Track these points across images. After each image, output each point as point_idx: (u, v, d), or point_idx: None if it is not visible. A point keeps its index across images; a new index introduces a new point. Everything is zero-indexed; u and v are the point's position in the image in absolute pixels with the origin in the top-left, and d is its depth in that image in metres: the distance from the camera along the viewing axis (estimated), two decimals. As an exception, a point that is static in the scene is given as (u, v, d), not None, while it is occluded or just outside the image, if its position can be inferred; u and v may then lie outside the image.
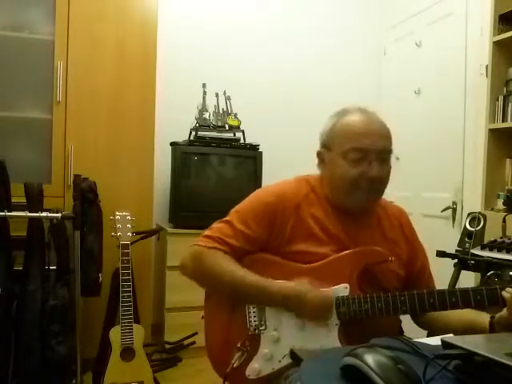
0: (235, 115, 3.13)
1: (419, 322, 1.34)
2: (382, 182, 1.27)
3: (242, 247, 1.28)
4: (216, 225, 1.33)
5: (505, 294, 1.11)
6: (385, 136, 1.26)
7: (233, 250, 1.27)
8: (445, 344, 0.76)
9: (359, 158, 1.22)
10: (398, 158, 1.31)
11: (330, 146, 1.28)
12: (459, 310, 1.17)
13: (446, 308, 1.16)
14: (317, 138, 1.43)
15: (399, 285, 1.32)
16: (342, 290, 1.20)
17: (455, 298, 1.15)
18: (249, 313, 1.24)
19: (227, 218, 1.32)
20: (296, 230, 1.27)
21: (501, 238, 1.81)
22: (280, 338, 1.21)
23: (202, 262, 1.27)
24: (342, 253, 1.24)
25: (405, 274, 1.34)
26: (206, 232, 1.32)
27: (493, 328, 1.13)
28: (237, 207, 1.34)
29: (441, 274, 1.46)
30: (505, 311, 1.11)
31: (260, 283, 1.21)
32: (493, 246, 1.76)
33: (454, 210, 2.88)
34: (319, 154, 1.33)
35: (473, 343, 0.74)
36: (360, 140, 1.22)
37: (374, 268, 1.26)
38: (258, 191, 1.39)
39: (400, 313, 1.20)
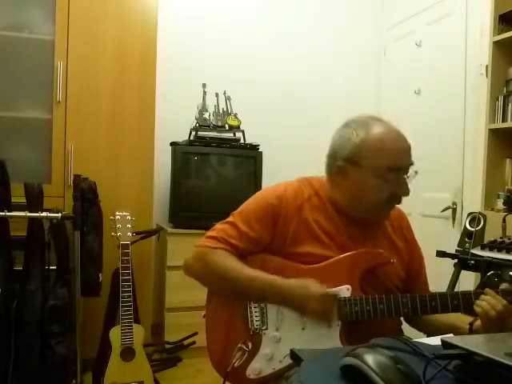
0: (235, 115, 3.13)
1: (411, 323, 1.36)
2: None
3: (245, 249, 1.28)
4: (219, 226, 1.33)
5: (476, 308, 1.13)
6: (410, 151, 1.25)
7: (236, 250, 1.27)
8: (445, 344, 0.76)
9: (394, 178, 1.21)
10: (416, 172, 1.29)
11: (359, 162, 1.23)
12: (446, 314, 1.19)
13: (447, 311, 1.16)
14: (317, 138, 1.44)
15: (401, 285, 1.33)
16: (344, 291, 1.20)
17: (457, 300, 1.16)
18: (250, 312, 1.24)
19: (230, 220, 1.31)
20: (298, 232, 1.27)
21: (501, 237, 1.81)
22: (281, 339, 1.21)
23: (207, 261, 1.27)
24: (345, 254, 1.24)
25: (405, 274, 1.35)
26: (210, 233, 1.32)
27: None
28: (240, 208, 1.34)
29: (441, 274, 1.46)
30: (479, 322, 1.13)
31: (264, 279, 1.21)
32: (493, 246, 1.76)
33: (454, 210, 2.88)
34: (341, 168, 1.26)
35: (473, 343, 0.75)
36: (395, 159, 1.21)
37: (376, 269, 1.26)
38: (260, 192, 1.38)
39: (401, 315, 1.21)
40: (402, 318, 1.33)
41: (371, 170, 1.21)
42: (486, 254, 1.75)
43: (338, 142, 1.28)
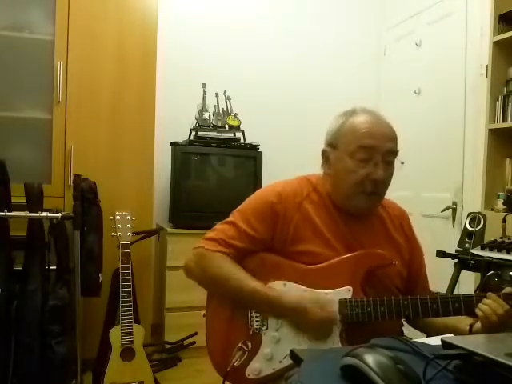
0: (235, 115, 3.13)
1: (412, 324, 1.36)
2: (384, 184, 1.26)
3: (245, 248, 1.27)
4: (219, 226, 1.32)
5: (477, 311, 1.13)
6: (391, 138, 1.25)
7: (237, 251, 1.27)
8: (445, 344, 0.76)
9: (366, 158, 1.22)
10: (402, 163, 1.29)
11: (336, 145, 1.27)
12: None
13: (448, 314, 1.16)
14: (317, 138, 1.43)
15: (402, 284, 1.33)
16: (345, 292, 1.20)
17: (458, 303, 1.15)
18: (251, 312, 1.24)
19: (230, 219, 1.31)
20: (299, 229, 1.26)
21: (501, 238, 1.81)
22: (281, 339, 1.21)
23: (206, 266, 1.27)
24: (346, 255, 1.24)
25: (406, 273, 1.35)
26: (210, 234, 1.31)
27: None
28: (239, 207, 1.34)
29: (441, 274, 1.46)
30: (479, 325, 1.13)
31: (264, 294, 1.21)
32: (493, 246, 1.76)
33: (454, 210, 2.88)
34: (324, 153, 1.32)
35: (473, 343, 0.74)
36: (367, 139, 1.22)
37: (378, 270, 1.26)
38: (259, 191, 1.38)
39: (403, 317, 1.21)
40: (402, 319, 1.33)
41: (346, 151, 1.24)
42: (486, 254, 1.75)
43: (327, 132, 1.32)
